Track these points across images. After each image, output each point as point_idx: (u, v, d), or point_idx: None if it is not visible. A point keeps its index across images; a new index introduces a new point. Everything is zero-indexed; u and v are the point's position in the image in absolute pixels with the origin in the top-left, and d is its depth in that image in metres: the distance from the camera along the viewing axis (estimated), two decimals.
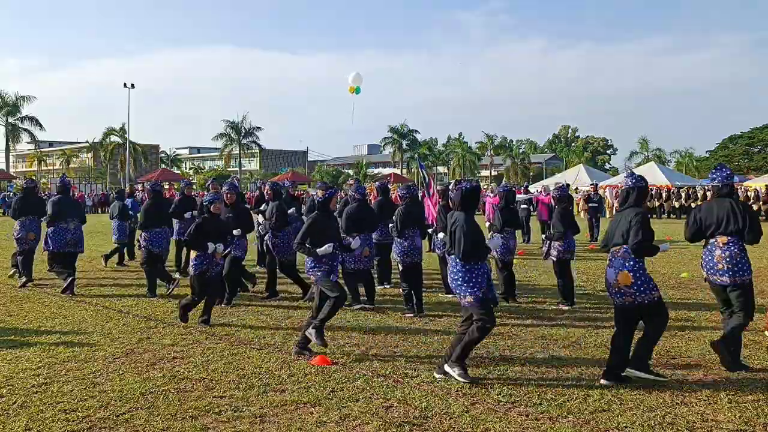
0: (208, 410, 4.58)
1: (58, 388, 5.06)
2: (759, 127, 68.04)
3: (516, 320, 7.64)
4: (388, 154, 75.85)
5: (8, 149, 60.46)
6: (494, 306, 5.55)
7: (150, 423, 4.35)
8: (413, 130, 71.71)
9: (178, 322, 7.47)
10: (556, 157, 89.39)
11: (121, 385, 5.12)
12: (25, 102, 58.39)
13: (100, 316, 7.87)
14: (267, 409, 4.61)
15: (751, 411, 4.59)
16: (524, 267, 12.37)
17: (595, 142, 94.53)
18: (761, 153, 67.20)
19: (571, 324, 7.42)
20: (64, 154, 74.52)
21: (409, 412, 4.56)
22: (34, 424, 4.34)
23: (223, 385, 5.15)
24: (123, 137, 61.98)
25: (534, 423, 4.37)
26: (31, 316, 7.90)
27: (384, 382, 5.23)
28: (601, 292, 9.62)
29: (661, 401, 4.77)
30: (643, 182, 5.42)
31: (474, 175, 74.90)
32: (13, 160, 76.62)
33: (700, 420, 4.42)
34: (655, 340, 5.27)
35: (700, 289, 9.86)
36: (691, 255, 14.68)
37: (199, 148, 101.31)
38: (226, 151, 68.74)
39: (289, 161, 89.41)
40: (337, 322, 7.40)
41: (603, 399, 4.82)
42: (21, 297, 9.24)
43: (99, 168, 72.32)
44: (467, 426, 4.31)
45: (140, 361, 5.85)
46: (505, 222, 8.95)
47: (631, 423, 4.35)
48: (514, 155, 76.42)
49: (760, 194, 29.85)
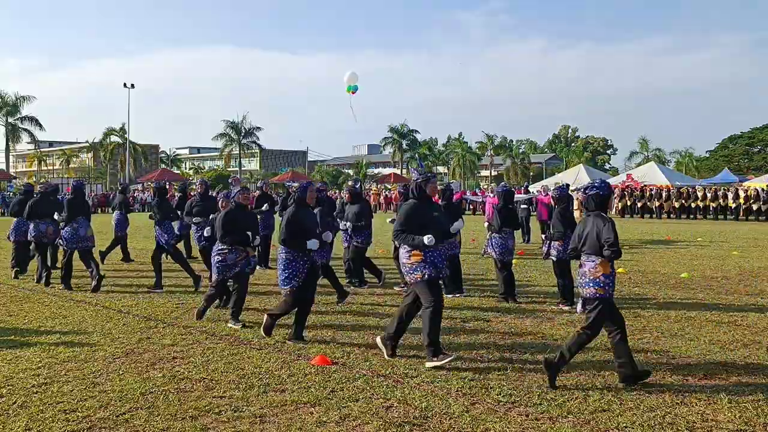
0: (208, 410, 4.58)
1: (58, 388, 5.05)
2: (759, 127, 68.05)
3: (516, 320, 7.64)
4: (388, 154, 75.83)
5: (8, 149, 60.40)
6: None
7: (150, 423, 4.35)
8: (413, 130, 71.78)
9: (178, 322, 7.48)
10: (556, 157, 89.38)
11: (121, 385, 5.11)
12: (25, 102, 58.36)
13: (100, 316, 7.87)
14: (267, 409, 4.60)
15: (751, 411, 4.59)
16: (524, 267, 12.37)
17: (595, 142, 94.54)
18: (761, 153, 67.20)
19: (571, 324, 7.42)
20: (64, 154, 74.50)
21: (409, 412, 4.56)
22: (34, 424, 4.34)
23: (223, 385, 5.15)
24: (123, 137, 62.00)
25: (534, 423, 4.37)
26: (31, 316, 7.90)
27: (384, 382, 5.23)
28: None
29: (661, 401, 4.77)
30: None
31: (474, 175, 74.93)
32: (13, 160, 76.57)
33: (700, 420, 4.42)
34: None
35: (700, 289, 9.87)
36: (691, 255, 14.69)
37: (199, 148, 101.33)
38: (226, 151, 68.74)
39: (289, 161, 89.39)
40: (337, 322, 7.41)
41: (603, 399, 4.82)
42: (21, 297, 9.24)
43: (99, 168, 72.32)
44: (467, 426, 4.31)
45: (140, 361, 5.85)
46: (504, 222, 8.94)
47: (631, 423, 4.35)
48: (514, 155, 76.41)
49: (761, 194, 29.86)
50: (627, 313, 8.08)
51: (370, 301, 8.82)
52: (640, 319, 7.71)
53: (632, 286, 10.11)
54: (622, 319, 5.23)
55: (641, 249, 16.13)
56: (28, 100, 58.50)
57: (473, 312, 8.06)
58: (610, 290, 5.11)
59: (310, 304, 6.67)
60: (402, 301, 6.16)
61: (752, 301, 8.87)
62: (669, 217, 31.24)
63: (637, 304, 8.63)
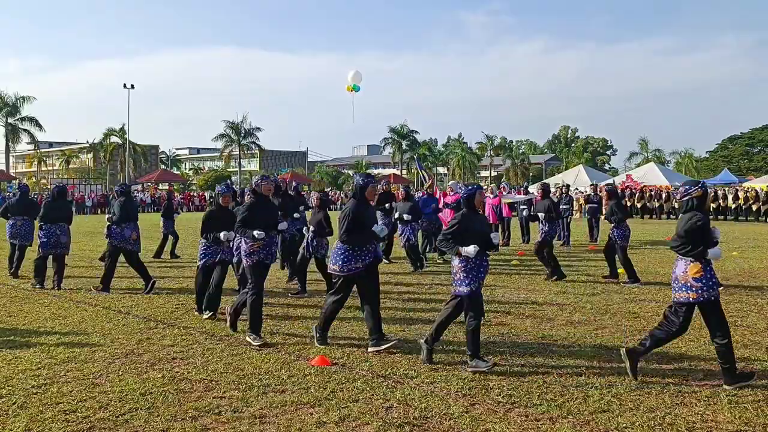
0: (208, 411, 4.58)
1: (57, 389, 5.05)
2: (759, 128, 68.11)
3: (516, 320, 7.64)
4: (388, 155, 75.83)
5: (8, 150, 60.38)
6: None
7: (150, 424, 4.35)
8: (413, 131, 71.77)
9: (178, 322, 7.48)
10: (556, 157, 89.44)
11: (120, 386, 5.11)
12: (25, 102, 58.34)
13: (99, 316, 7.86)
14: (267, 410, 4.60)
15: (751, 411, 4.59)
16: (524, 267, 12.37)
17: (595, 142, 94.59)
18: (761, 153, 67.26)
19: (571, 324, 7.42)
20: (63, 155, 74.49)
21: (409, 412, 4.56)
22: (34, 424, 4.33)
23: (223, 385, 5.15)
24: (123, 138, 61.98)
25: (534, 423, 4.37)
26: (31, 316, 7.90)
27: (384, 382, 5.23)
28: (602, 292, 9.63)
29: (661, 402, 4.77)
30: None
31: (474, 175, 74.92)
32: (13, 160, 76.57)
33: (700, 420, 4.42)
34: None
35: None
36: None
37: (198, 149, 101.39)
38: (226, 151, 68.72)
39: (288, 162, 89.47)
40: (337, 322, 7.40)
41: (603, 399, 4.82)
42: (21, 297, 9.24)
43: (99, 168, 72.32)
44: (467, 426, 4.31)
45: (140, 361, 5.85)
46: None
47: (630, 423, 4.35)
48: (513, 156, 76.43)
49: (760, 195, 29.86)
50: (626, 313, 8.08)
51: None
52: (640, 319, 7.71)
53: (632, 287, 10.11)
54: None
55: (641, 249, 16.12)
56: (28, 101, 58.53)
57: None
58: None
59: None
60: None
61: (752, 301, 8.86)
62: (669, 218, 31.22)
63: (636, 305, 8.63)
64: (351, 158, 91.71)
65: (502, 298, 9.12)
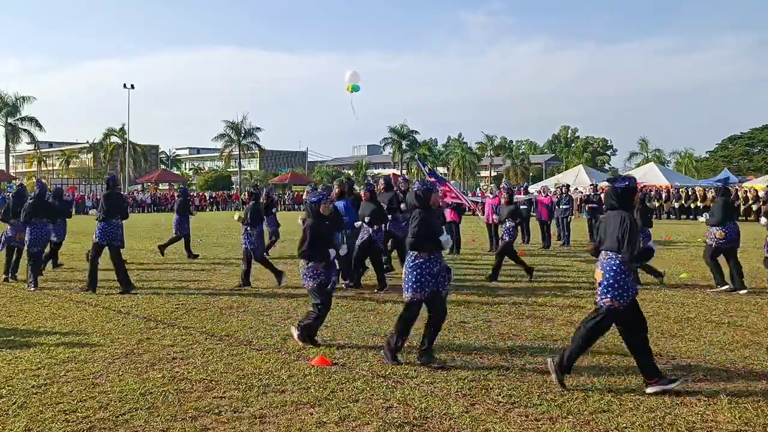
0: (208, 411, 4.58)
1: (57, 389, 5.05)
2: (759, 128, 68.10)
3: (516, 320, 7.64)
4: (388, 155, 75.84)
5: (8, 150, 60.38)
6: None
7: (150, 424, 4.35)
8: (413, 131, 71.77)
9: (178, 322, 7.48)
10: (556, 157, 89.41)
11: (120, 386, 5.11)
12: (25, 102, 58.34)
13: (99, 316, 7.86)
14: (267, 410, 4.60)
15: (751, 411, 4.59)
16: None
17: (595, 142, 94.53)
18: (761, 153, 67.25)
19: (571, 324, 7.41)
20: (63, 155, 74.52)
21: (409, 412, 4.56)
22: (34, 424, 4.33)
23: (223, 385, 5.15)
24: (123, 138, 62.00)
25: (534, 423, 4.37)
26: (30, 316, 7.90)
27: (384, 382, 5.23)
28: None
29: (661, 402, 4.77)
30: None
31: (474, 175, 74.95)
32: (13, 160, 76.59)
33: (700, 420, 4.42)
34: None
35: (700, 289, 9.87)
36: (691, 255, 14.69)
37: (198, 149, 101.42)
38: (226, 151, 68.71)
39: (288, 162, 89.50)
40: (337, 323, 7.40)
41: (603, 399, 4.82)
42: (21, 297, 9.24)
43: (99, 169, 72.33)
44: (467, 426, 4.31)
45: (140, 361, 5.85)
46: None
47: (630, 423, 4.35)
48: (513, 156, 76.44)
49: (760, 195, 29.86)
50: None
51: (370, 300, 8.81)
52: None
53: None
54: None
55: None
56: (28, 101, 58.53)
57: (473, 312, 8.07)
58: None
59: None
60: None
61: (752, 302, 8.86)
62: (669, 218, 31.24)
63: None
64: (351, 158, 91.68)
65: (502, 298, 9.12)
